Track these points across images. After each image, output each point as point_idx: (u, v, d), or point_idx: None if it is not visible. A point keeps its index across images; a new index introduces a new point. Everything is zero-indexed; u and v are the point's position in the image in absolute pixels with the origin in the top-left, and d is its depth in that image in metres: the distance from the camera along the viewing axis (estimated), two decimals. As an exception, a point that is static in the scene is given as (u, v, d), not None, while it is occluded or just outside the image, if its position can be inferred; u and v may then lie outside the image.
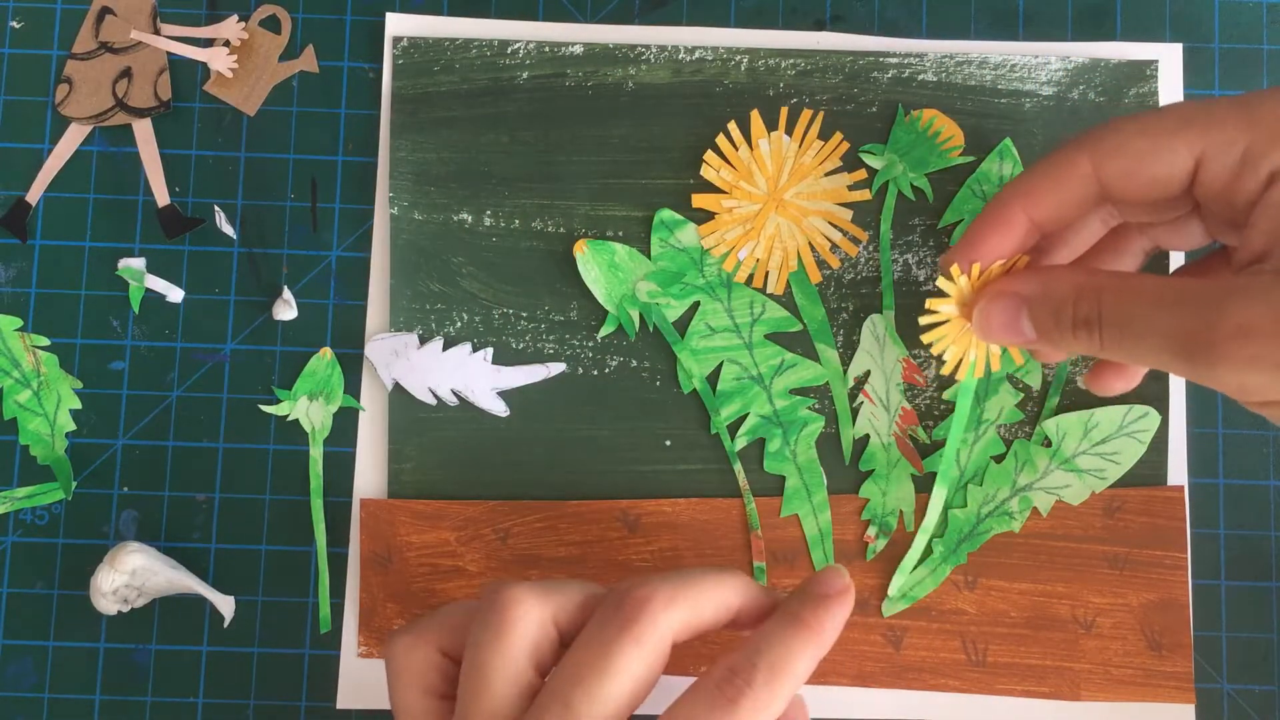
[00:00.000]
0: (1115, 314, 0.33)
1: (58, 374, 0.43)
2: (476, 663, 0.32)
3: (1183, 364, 0.32)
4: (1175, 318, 0.32)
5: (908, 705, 0.42)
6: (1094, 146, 0.35)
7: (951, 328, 0.39)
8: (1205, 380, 0.32)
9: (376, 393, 0.43)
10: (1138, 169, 0.34)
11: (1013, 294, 0.36)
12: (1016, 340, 0.36)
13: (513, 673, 0.32)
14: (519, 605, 0.33)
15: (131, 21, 0.45)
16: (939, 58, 0.44)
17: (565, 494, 0.43)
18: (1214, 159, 0.33)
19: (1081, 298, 0.34)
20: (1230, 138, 0.33)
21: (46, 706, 0.42)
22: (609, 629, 0.32)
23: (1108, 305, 0.34)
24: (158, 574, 0.41)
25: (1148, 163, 0.34)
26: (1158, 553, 0.42)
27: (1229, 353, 0.31)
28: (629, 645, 0.32)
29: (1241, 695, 0.42)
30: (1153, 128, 0.34)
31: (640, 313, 0.43)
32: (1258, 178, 0.33)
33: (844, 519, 0.42)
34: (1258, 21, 0.45)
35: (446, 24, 0.44)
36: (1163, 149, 0.34)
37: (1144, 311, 0.33)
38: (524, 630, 0.33)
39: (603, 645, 0.32)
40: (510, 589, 0.33)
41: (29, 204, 0.44)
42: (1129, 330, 0.33)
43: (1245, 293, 0.31)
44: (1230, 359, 0.31)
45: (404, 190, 0.43)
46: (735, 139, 0.43)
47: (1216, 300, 0.31)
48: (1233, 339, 0.31)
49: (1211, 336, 0.31)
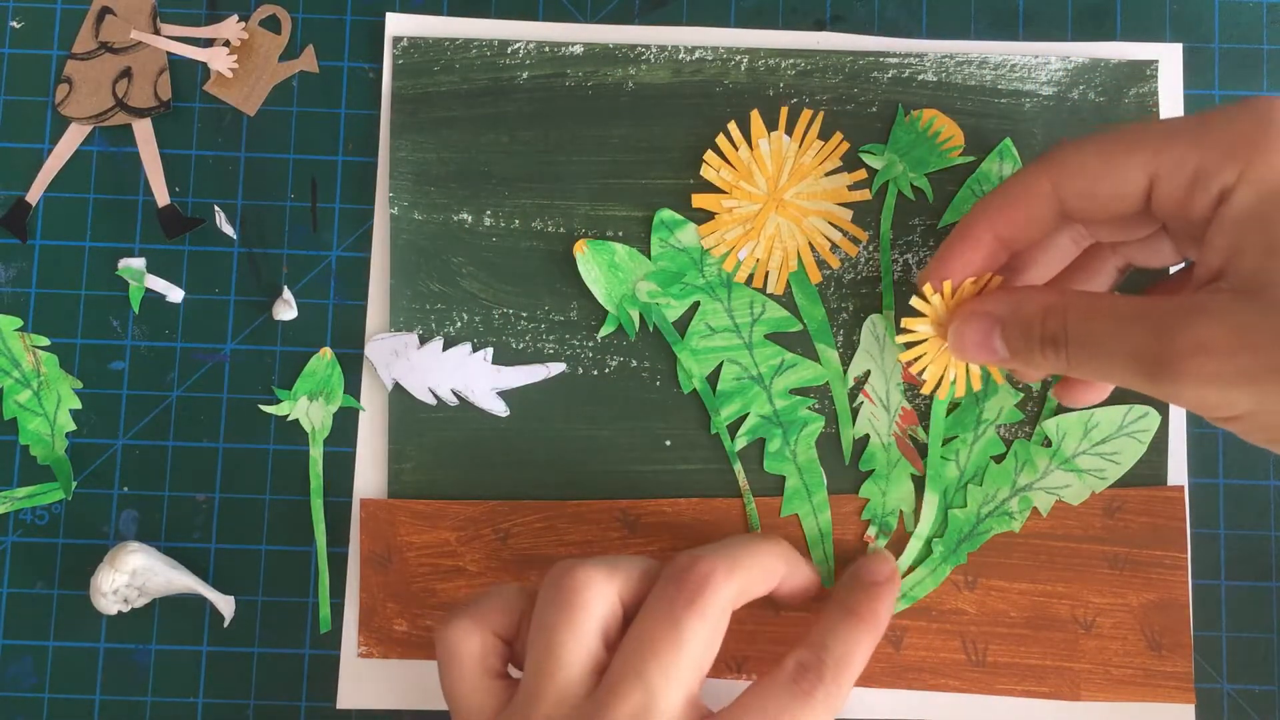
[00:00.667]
0: (1080, 332, 0.34)
1: (58, 374, 0.43)
2: (550, 644, 0.34)
3: (1144, 381, 0.33)
4: (1136, 336, 0.33)
5: (907, 705, 0.42)
6: (1052, 167, 0.36)
7: (929, 346, 0.40)
8: (1168, 397, 0.33)
9: (376, 393, 0.43)
10: (1094, 188, 0.35)
11: (985, 314, 0.37)
12: (990, 359, 0.37)
13: (585, 651, 0.34)
14: (590, 587, 0.34)
15: (131, 21, 0.45)
16: (939, 58, 0.44)
17: (565, 494, 0.43)
18: (1166, 178, 0.34)
19: (1048, 316, 0.35)
20: (1181, 156, 0.34)
21: (46, 706, 0.42)
22: (677, 604, 0.34)
23: (1073, 324, 0.35)
24: (158, 574, 0.41)
25: (1104, 182, 0.35)
26: (1158, 553, 0.42)
27: (1187, 370, 0.32)
28: (695, 619, 0.34)
29: (1241, 695, 0.42)
30: (1108, 147, 0.35)
31: (640, 313, 0.43)
32: (1209, 196, 0.33)
33: (844, 519, 0.42)
34: (1258, 21, 0.45)
35: (446, 24, 0.44)
36: (1117, 168, 0.35)
37: (1107, 330, 0.34)
38: (595, 610, 0.34)
39: (671, 619, 0.34)
40: (579, 570, 0.35)
41: (29, 204, 0.44)
42: (1092, 349, 0.34)
43: (1203, 311, 0.32)
44: (1189, 376, 0.32)
45: (404, 190, 0.43)
46: (735, 139, 0.43)
47: (1175, 319, 0.32)
48: (1191, 357, 0.32)
49: (1171, 355, 0.32)
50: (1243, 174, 0.33)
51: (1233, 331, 0.31)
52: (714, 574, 0.34)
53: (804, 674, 0.35)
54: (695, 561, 0.35)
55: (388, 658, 0.42)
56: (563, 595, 0.34)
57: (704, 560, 0.35)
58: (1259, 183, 0.32)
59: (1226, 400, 0.32)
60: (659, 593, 0.35)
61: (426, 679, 0.42)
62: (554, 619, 0.34)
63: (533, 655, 0.34)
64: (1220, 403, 0.32)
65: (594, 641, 0.34)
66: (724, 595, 0.35)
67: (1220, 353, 0.31)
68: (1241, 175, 0.33)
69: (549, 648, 0.34)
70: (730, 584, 0.35)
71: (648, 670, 0.33)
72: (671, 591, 0.34)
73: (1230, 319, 0.31)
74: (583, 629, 0.34)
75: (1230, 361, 0.31)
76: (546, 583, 0.35)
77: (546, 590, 0.35)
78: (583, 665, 0.34)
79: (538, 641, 0.34)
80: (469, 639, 0.36)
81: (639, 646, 0.34)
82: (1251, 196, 0.32)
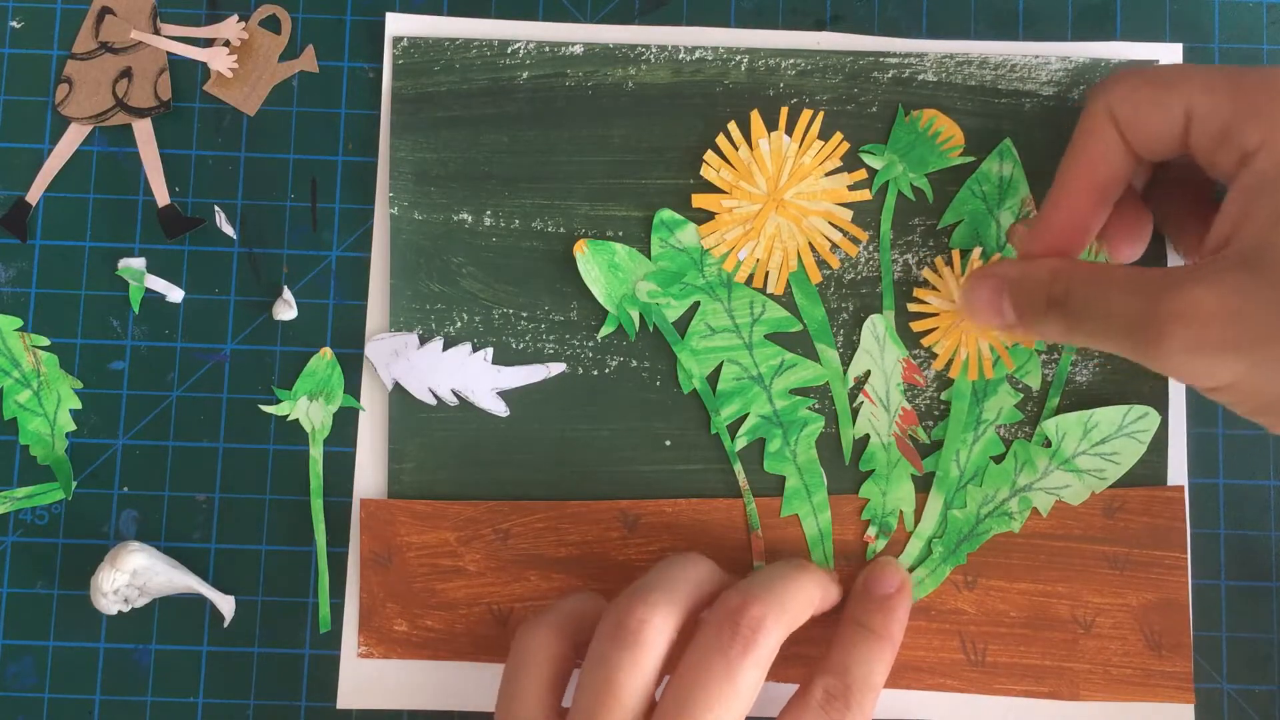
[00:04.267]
0: (1081, 296, 0.35)
1: (58, 374, 0.43)
2: (610, 682, 0.34)
3: (1132, 346, 0.33)
4: (1129, 300, 0.33)
5: (907, 705, 0.42)
6: (1105, 92, 0.36)
7: (941, 320, 0.41)
8: (1154, 364, 0.33)
9: (376, 393, 0.43)
10: (1141, 116, 0.35)
11: (996, 275, 0.38)
12: (997, 321, 0.38)
13: (643, 689, 0.34)
14: (653, 627, 0.35)
15: (131, 21, 0.45)
16: (939, 58, 0.44)
17: (565, 494, 0.43)
18: (1201, 120, 0.34)
19: (1055, 280, 0.36)
20: (1216, 105, 0.33)
21: (46, 706, 0.42)
22: (731, 652, 0.34)
23: (1076, 287, 0.35)
24: (159, 574, 0.41)
25: (1148, 112, 0.35)
26: (1157, 553, 0.42)
27: (1169, 334, 0.32)
28: (749, 666, 0.34)
29: (1241, 695, 0.42)
30: (1159, 76, 0.35)
31: (640, 313, 0.43)
32: (1233, 155, 0.33)
33: (844, 519, 0.42)
34: (1258, 21, 0.45)
35: (446, 24, 0.44)
36: (1161, 99, 0.35)
37: (1105, 294, 0.34)
38: (657, 650, 0.35)
39: (726, 667, 0.34)
40: (643, 609, 0.35)
41: (29, 204, 0.44)
42: (1090, 311, 0.35)
43: (1193, 278, 0.32)
44: (1172, 341, 0.32)
45: (404, 190, 0.43)
46: (735, 139, 0.43)
47: (1167, 285, 0.32)
48: (1174, 321, 0.32)
49: (1156, 319, 0.32)
50: (1266, 139, 0.32)
51: (1221, 299, 0.31)
52: (765, 620, 0.35)
53: (832, 702, 0.36)
54: (747, 605, 0.35)
55: (388, 658, 0.42)
56: (627, 634, 0.34)
57: (755, 604, 0.35)
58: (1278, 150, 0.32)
59: (1209, 369, 0.32)
60: (713, 637, 0.35)
61: (427, 679, 0.42)
62: (616, 657, 0.34)
63: (589, 688, 0.34)
64: (1203, 371, 0.32)
65: (652, 678, 0.35)
66: (775, 639, 0.35)
67: (1205, 320, 0.31)
68: (1265, 140, 0.32)
69: (609, 685, 0.34)
70: (780, 628, 0.35)
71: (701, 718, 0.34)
72: (726, 639, 0.34)
73: (1222, 287, 0.31)
74: (643, 668, 0.34)
75: (1215, 329, 0.31)
76: (611, 618, 0.35)
77: (610, 626, 0.35)
78: (639, 703, 0.34)
79: (596, 674, 0.34)
80: (548, 649, 0.36)
81: (694, 692, 0.34)
82: (1269, 163, 0.32)
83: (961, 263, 0.42)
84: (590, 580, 0.42)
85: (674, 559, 0.38)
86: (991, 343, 0.42)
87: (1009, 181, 0.43)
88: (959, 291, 0.39)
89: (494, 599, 0.42)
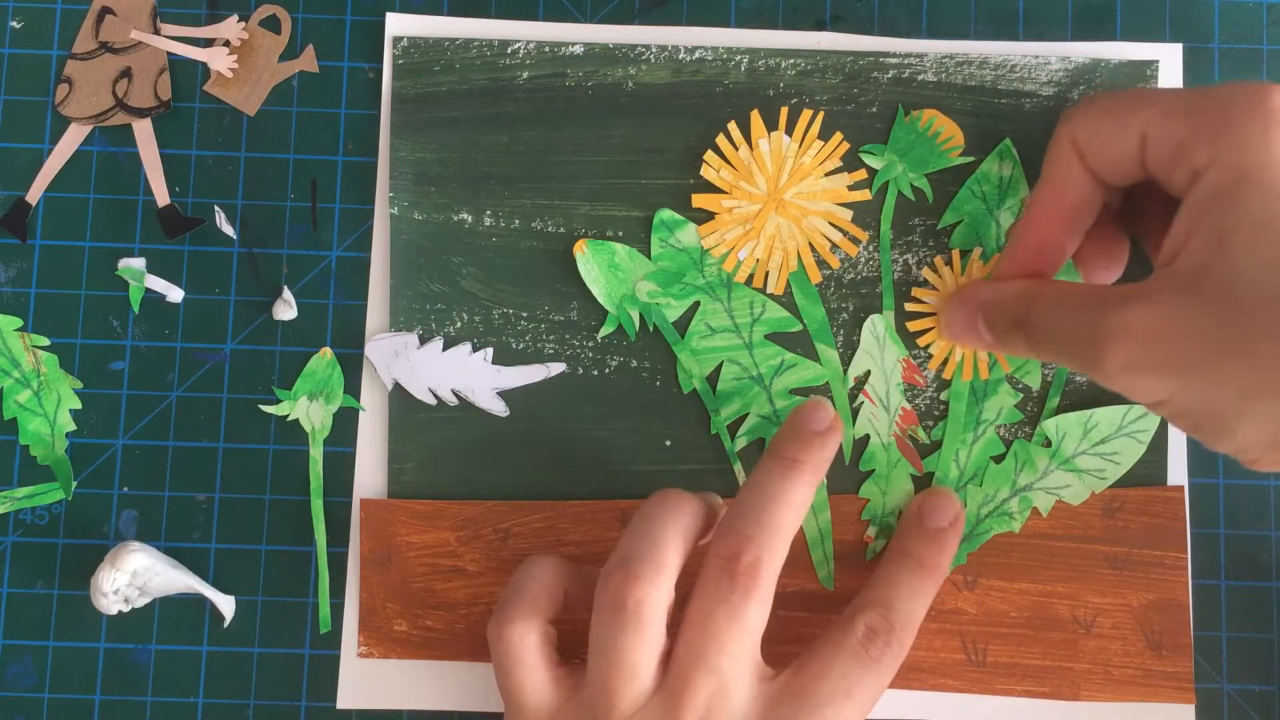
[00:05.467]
0: (1038, 316, 0.36)
1: (58, 374, 0.43)
2: (620, 662, 0.34)
3: (1080, 363, 0.34)
4: (1078, 320, 0.34)
5: (907, 705, 0.42)
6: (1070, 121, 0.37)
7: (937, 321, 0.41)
8: (1100, 380, 0.34)
9: (376, 393, 0.43)
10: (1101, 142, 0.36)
11: (970, 298, 0.39)
12: (976, 341, 0.39)
13: (651, 655, 0.34)
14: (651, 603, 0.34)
15: (131, 21, 0.45)
16: (939, 58, 0.44)
17: (565, 494, 0.43)
18: (1155, 142, 0.34)
19: (1018, 302, 0.37)
20: (1170, 127, 0.34)
21: (46, 706, 0.42)
22: (734, 596, 0.34)
23: (1035, 308, 0.36)
24: (159, 574, 0.41)
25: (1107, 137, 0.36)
26: (1157, 553, 0.42)
27: (1109, 354, 0.33)
28: (753, 606, 0.34)
29: (1241, 695, 0.42)
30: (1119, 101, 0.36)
31: (640, 313, 0.43)
32: (1185, 174, 0.33)
33: (844, 519, 0.42)
34: (1258, 21, 0.45)
35: (446, 24, 0.44)
36: (1120, 123, 0.35)
37: (1058, 314, 0.35)
38: (659, 621, 0.34)
39: (731, 613, 0.34)
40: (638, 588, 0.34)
41: (29, 204, 0.44)
42: (1044, 331, 0.35)
43: (1135, 296, 0.33)
44: (1110, 360, 0.33)
45: (404, 190, 0.43)
46: (735, 139, 0.43)
47: (1111, 304, 0.33)
48: (1114, 340, 0.32)
49: (1098, 338, 0.33)
50: (1214, 158, 0.32)
51: (1157, 321, 0.32)
52: (760, 561, 0.34)
53: (873, 639, 0.36)
54: (740, 550, 0.35)
55: (388, 658, 0.42)
56: (627, 617, 0.34)
57: (748, 547, 0.35)
58: (1227, 169, 0.32)
59: (1145, 387, 0.33)
60: (713, 585, 0.35)
61: (426, 679, 0.42)
62: (622, 641, 0.34)
63: (600, 670, 0.34)
64: (1140, 389, 0.33)
65: (659, 642, 0.34)
66: (773, 574, 0.35)
67: (1140, 340, 0.32)
68: (1213, 159, 0.32)
69: (620, 664, 0.34)
70: (775, 559, 0.35)
71: (717, 662, 0.34)
72: (725, 588, 0.34)
73: (1159, 308, 0.32)
74: (648, 638, 0.34)
75: (1148, 350, 0.32)
76: (605, 599, 0.35)
77: (608, 610, 0.35)
78: (649, 667, 0.34)
79: (603, 658, 0.34)
80: (528, 636, 0.36)
81: (703, 639, 0.34)
82: (1216, 182, 0.32)
83: (961, 263, 0.43)
84: (590, 580, 0.42)
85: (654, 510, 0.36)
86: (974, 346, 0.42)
87: (1009, 181, 0.43)
88: (940, 313, 0.40)
89: (494, 599, 0.42)
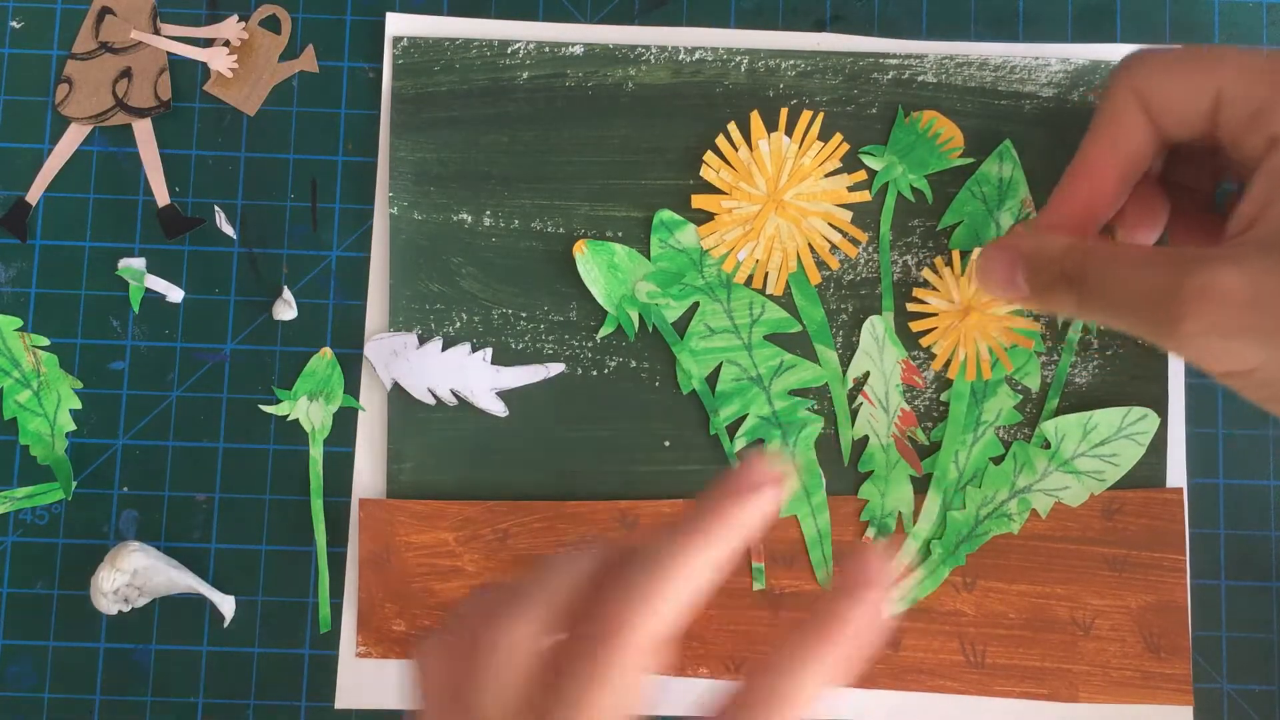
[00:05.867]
0: (1097, 272, 0.34)
1: (58, 374, 0.43)
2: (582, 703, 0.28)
3: (1148, 324, 0.33)
4: (1148, 278, 0.32)
5: (906, 706, 0.42)
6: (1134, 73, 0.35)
7: (941, 321, 0.42)
8: (1169, 342, 0.32)
9: (376, 393, 0.43)
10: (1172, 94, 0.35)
11: (1011, 247, 0.37)
12: (1010, 293, 0.37)
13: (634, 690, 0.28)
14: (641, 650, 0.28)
15: (131, 21, 0.45)
16: (939, 59, 0.44)
17: (565, 494, 0.43)
18: (1230, 105, 0.33)
19: (1069, 255, 0.35)
20: (1250, 86, 0.33)
21: (46, 706, 0.42)
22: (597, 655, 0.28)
23: (1092, 264, 0.35)
24: (159, 574, 0.41)
25: (1176, 91, 0.34)
26: (1156, 555, 0.42)
27: (1190, 314, 0.31)
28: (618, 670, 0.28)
29: (1241, 695, 0.42)
30: (1191, 54, 0.34)
31: (640, 313, 0.43)
32: (1262, 137, 0.33)
33: (843, 520, 0.42)
34: (1258, 22, 0.45)
35: (446, 24, 0.44)
36: (1194, 78, 0.34)
37: (1122, 272, 0.33)
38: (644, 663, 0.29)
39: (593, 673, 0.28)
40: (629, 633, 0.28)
41: (29, 204, 0.44)
42: (1105, 288, 0.34)
43: (1217, 258, 0.31)
44: (1194, 321, 0.31)
45: (404, 190, 0.43)
46: (735, 140, 0.43)
47: (1188, 264, 0.32)
48: (1195, 300, 0.31)
49: (1176, 298, 0.31)
50: None
51: (1247, 282, 0.30)
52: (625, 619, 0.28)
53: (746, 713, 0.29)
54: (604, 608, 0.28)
55: (386, 658, 0.42)
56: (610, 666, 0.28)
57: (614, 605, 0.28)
58: None
59: (1229, 352, 0.31)
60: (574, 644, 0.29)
61: (426, 679, 0.42)
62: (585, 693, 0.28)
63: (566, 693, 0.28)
64: (1222, 354, 0.31)
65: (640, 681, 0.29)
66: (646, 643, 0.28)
67: (1229, 302, 0.31)
68: None
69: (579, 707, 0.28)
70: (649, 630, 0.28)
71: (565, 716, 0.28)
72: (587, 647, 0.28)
73: (1247, 269, 0.31)
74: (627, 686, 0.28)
75: (1239, 312, 0.30)
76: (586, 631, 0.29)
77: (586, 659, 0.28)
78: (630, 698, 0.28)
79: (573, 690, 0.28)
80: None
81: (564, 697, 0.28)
82: None
83: (961, 263, 0.42)
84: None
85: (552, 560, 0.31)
86: (990, 344, 0.42)
87: (1009, 183, 0.43)
88: (975, 262, 0.39)
89: (493, 599, 0.42)
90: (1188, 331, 0.31)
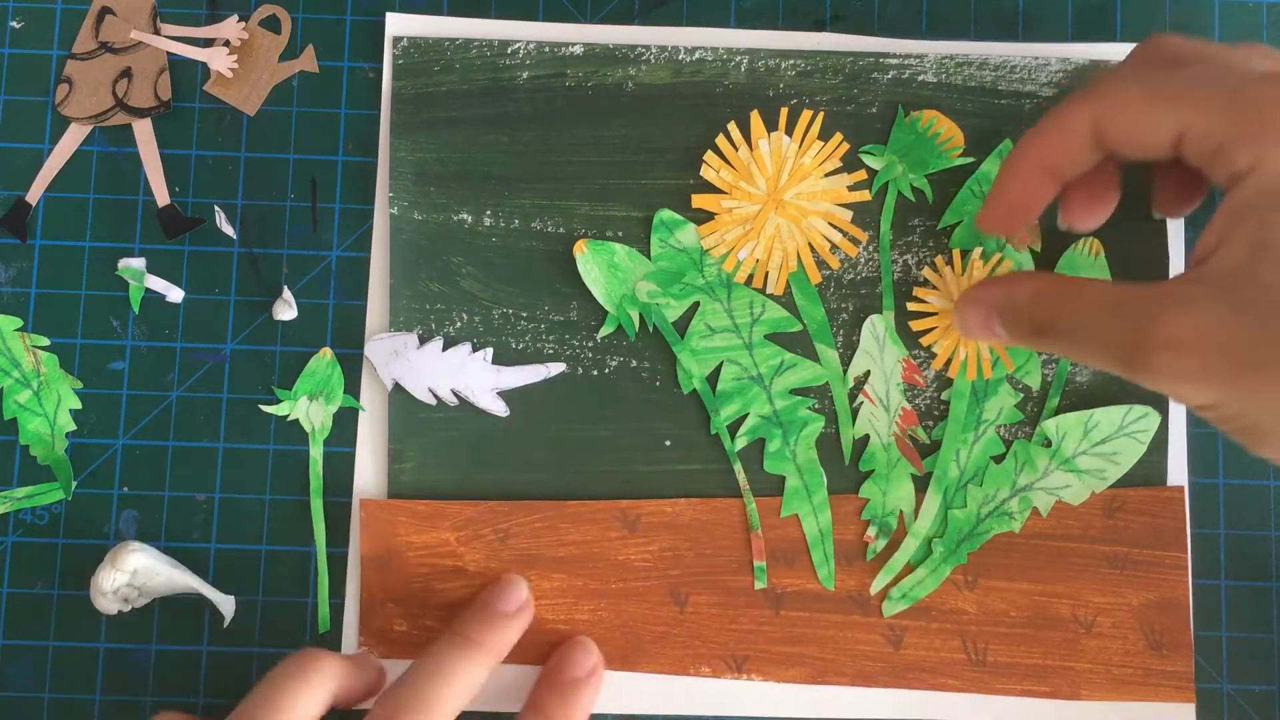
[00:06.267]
0: (1066, 321, 0.35)
1: (58, 374, 0.43)
2: None
3: (1122, 370, 0.34)
4: (1114, 326, 0.34)
5: (907, 705, 0.42)
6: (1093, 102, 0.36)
7: (941, 320, 0.42)
8: (1146, 386, 0.34)
9: (376, 393, 0.43)
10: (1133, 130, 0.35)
11: (983, 301, 0.39)
12: (994, 340, 0.39)
13: None
14: None
15: (131, 21, 0.45)
16: (939, 58, 0.44)
17: (565, 494, 0.43)
18: (1194, 141, 0.34)
19: (1037, 305, 0.37)
20: (1210, 126, 0.33)
21: (46, 706, 0.42)
22: None
23: (1060, 313, 0.36)
24: (159, 573, 0.41)
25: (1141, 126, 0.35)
26: (1158, 553, 0.42)
27: (1158, 364, 0.33)
28: None
29: (1241, 695, 0.42)
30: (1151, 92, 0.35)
31: (640, 313, 0.43)
32: (1225, 173, 0.33)
33: (844, 519, 0.42)
34: (1258, 22, 0.45)
35: (446, 24, 0.44)
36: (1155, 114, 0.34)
37: (1089, 319, 0.35)
38: None
39: None
40: None
41: (29, 204, 0.44)
42: (1076, 337, 0.35)
43: (1177, 304, 0.33)
44: (1159, 370, 0.33)
45: (404, 190, 0.43)
46: (735, 139, 0.43)
47: (1150, 311, 0.33)
48: (1162, 350, 0.32)
49: (1143, 347, 0.33)
50: (1256, 163, 0.32)
51: (1202, 328, 0.32)
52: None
53: None
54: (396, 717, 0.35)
55: (387, 657, 0.42)
56: None
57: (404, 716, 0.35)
58: (1269, 175, 0.32)
59: (1194, 393, 0.33)
60: None
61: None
62: None
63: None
64: (1185, 394, 0.33)
65: None
66: None
67: (1189, 348, 0.32)
68: (1255, 164, 0.32)
69: None
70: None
71: None
72: None
73: (1202, 314, 0.32)
74: None
75: (1197, 358, 0.32)
76: None
77: None
78: None
79: None
80: None
81: None
82: (1257, 187, 0.32)
83: (962, 263, 0.43)
84: (589, 580, 0.42)
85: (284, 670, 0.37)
86: (991, 343, 0.42)
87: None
88: (953, 313, 0.40)
89: (494, 599, 0.42)
90: (1156, 379, 0.33)
